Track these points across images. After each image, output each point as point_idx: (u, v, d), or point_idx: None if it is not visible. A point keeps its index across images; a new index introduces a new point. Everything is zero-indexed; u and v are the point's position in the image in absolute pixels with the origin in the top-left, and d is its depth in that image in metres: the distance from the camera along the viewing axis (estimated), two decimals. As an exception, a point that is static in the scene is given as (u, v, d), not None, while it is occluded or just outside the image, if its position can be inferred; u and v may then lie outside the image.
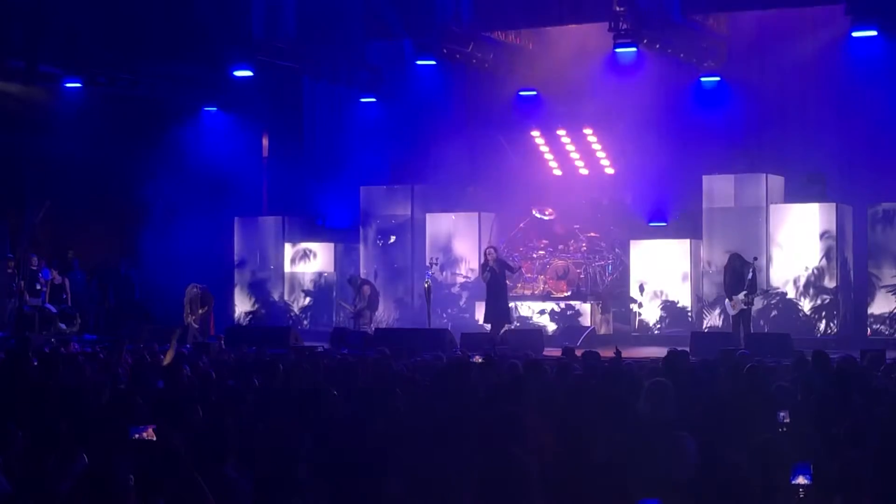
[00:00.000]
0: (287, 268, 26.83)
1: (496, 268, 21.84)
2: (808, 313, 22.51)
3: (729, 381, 10.31)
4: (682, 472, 6.70)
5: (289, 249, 26.84)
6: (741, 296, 20.52)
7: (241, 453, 7.16)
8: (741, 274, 20.65)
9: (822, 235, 22.58)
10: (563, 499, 6.55)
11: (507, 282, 22.87)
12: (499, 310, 21.75)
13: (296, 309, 26.66)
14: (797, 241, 22.64)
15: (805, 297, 22.57)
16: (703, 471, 6.65)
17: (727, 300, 20.81)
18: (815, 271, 22.53)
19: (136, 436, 6.32)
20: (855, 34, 21.08)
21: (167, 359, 13.40)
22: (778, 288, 22.51)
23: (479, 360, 12.53)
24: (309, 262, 26.64)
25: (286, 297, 26.80)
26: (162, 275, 25.78)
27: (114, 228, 26.73)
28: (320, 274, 26.53)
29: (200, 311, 24.15)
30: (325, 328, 24.51)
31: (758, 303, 21.54)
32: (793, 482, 5.79)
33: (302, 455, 7.02)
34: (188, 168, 26.86)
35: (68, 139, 25.11)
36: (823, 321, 22.45)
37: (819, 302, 22.48)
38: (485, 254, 22.40)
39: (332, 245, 26.65)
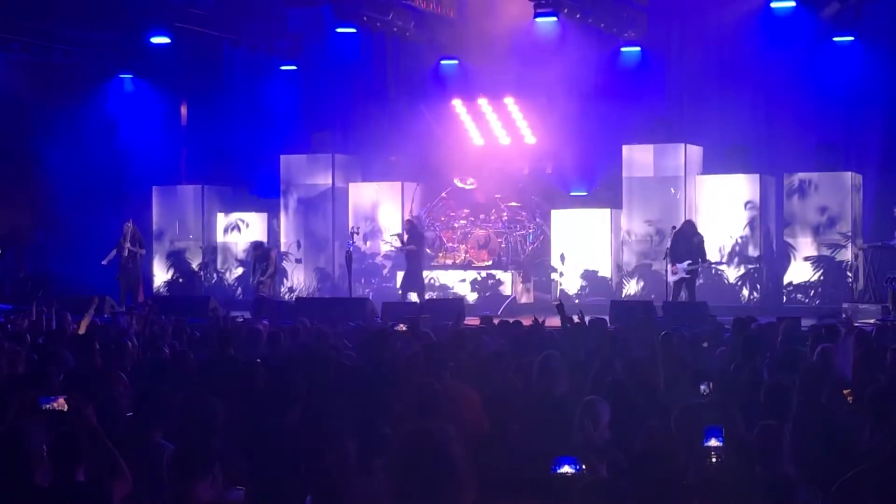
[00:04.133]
0: (220, 237, 26.55)
1: (414, 239, 22.50)
2: (733, 281, 22.80)
3: (644, 349, 10.40)
4: (598, 435, 6.76)
5: (221, 219, 26.56)
6: (685, 264, 20.67)
7: (167, 422, 7.12)
8: (690, 242, 20.77)
9: (746, 205, 22.85)
10: (483, 466, 6.55)
11: (428, 251, 23.43)
12: (416, 279, 22.63)
13: (229, 278, 26.41)
14: (721, 211, 22.88)
15: (730, 266, 22.84)
16: (619, 435, 6.70)
17: (669, 265, 20.92)
18: (740, 241, 22.81)
19: (47, 406, 6.22)
20: (774, 5, 21.29)
21: (82, 328, 13.23)
22: (720, 261, 22.60)
23: (404, 329, 12.47)
24: (241, 232, 26.33)
25: (219, 267, 26.53)
26: (78, 244, 25.42)
27: (29, 198, 26.32)
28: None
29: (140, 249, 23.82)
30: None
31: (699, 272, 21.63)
32: (705, 444, 5.84)
33: (218, 425, 6.96)
34: (105, 136, 26.52)
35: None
36: (746, 289, 22.77)
37: (743, 270, 22.78)
38: (405, 229, 23.11)
39: (264, 215, 26.42)
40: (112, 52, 26.60)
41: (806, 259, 22.55)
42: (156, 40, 23.71)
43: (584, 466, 5.09)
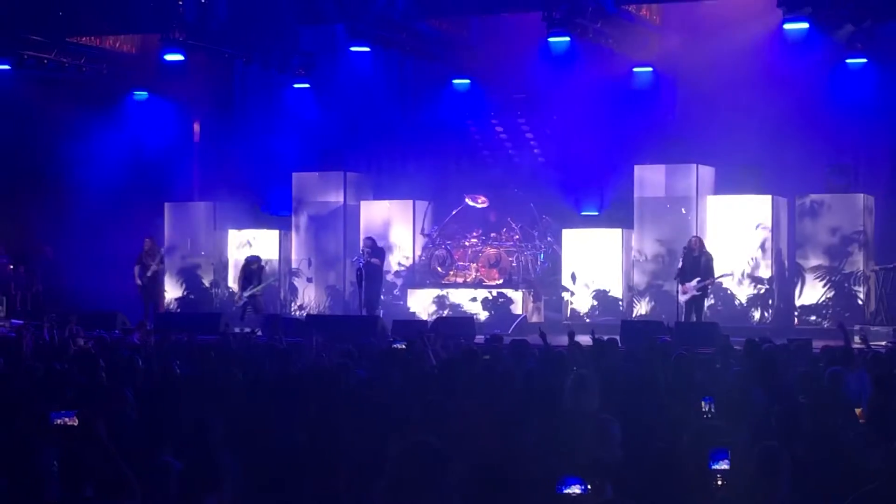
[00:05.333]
0: (231, 254, 26.50)
1: (376, 254, 23.08)
2: (744, 303, 22.76)
3: (656, 370, 10.38)
4: (609, 455, 6.74)
5: (233, 236, 26.53)
6: (693, 282, 20.71)
7: (176, 439, 7.12)
8: (697, 261, 20.83)
9: (758, 226, 22.82)
10: (491, 485, 6.54)
11: (439, 269, 23.56)
12: (374, 296, 22.86)
13: (246, 297, 26.34)
14: (733, 232, 22.84)
15: (741, 287, 22.79)
16: (629, 455, 6.68)
17: (679, 285, 20.98)
18: (751, 262, 22.78)
19: (58, 421, 6.22)
20: (787, 26, 21.28)
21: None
22: (730, 274, 22.49)
23: (402, 347, 12.46)
24: (251, 248, 26.26)
25: (230, 284, 26.49)
26: (91, 260, 25.46)
27: (42, 213, 26.37)
28: (265, 261, 26.23)
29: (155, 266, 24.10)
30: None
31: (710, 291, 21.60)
32: (712, 467, 5.84)
33: (221, 441, 6.97)
34: (118, 152, 26.56)
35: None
36: (758, 310, 22.71)
37: (754, 292, 22.73)
38: (364, 245, 23.28)
39: (276, 232, 26.41)
40: (126, 69, 26.70)
41: (817, 280, 22.49)
42: (169, 58, 23.79)
43: (589, 487, 5.09)
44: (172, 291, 26.78)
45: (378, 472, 6.15)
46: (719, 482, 5.82)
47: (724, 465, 5.82)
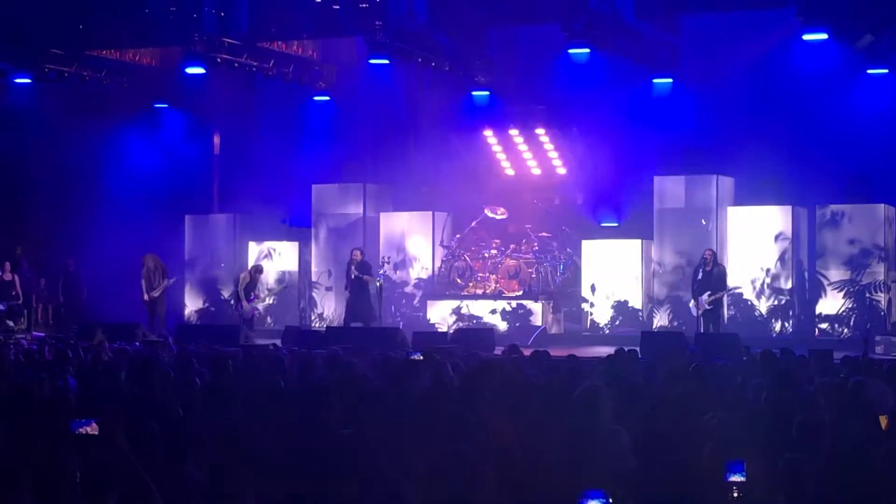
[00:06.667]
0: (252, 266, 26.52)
1: (358, 269, 22.78)
2: (764, 314, 22.71)
3: (674, 381, 10.35)
4: (622, 466, 6.73)
5: (253, 248, 26.59)
6: (705, 296, 20.74)
7: (196, 450, 7.13)
8: (710, 274, 20.89)
9: (778, 237, 22.78)
10: (514, 496, 6.56)
11: (458, 280, 23.58)
12: (363, 308, 22.76)
13: (260, 308, 26.41)
14: (753, 243, 22.81)
15: (761, 298, 22.75)
16: (646, 467, 6.67)
17: (692, 300, 21.08)
18: (771, 273, 22.73)
19: (79, 430, 6.25)
20: (806, 37, 21.25)
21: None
22: (738, 288, 22.51)
23: (420, 358, 12.45)
24: (273, 260, 26.34)
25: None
26: (111, 273, 25.55)
27: (63, 225, 26.49)
28: (284, 273, 26.33)
29: (166, 282, 24.02)
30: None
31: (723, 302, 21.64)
32: (728, 480, 5.82)
33: (241, 453, 6.98)
34: (138, 165, 26.68)
35: (17, 135, 24.90)
36: (779, 321, 22.66)
37: (775, 303, 22.68)
38: (352, 255, 23.14)
39: (296, 244, 26.47)
40: (147, 82, 26.82)
41: (838, 291, 22.43)
42: (190, 70, 23.90)
43: (611, 500, 5.08)
44: (192, 303, 26.86)
45: (399, 482, 6.16)
46: (735, 494, 5.80)
47: (739, 478, 5.80)
